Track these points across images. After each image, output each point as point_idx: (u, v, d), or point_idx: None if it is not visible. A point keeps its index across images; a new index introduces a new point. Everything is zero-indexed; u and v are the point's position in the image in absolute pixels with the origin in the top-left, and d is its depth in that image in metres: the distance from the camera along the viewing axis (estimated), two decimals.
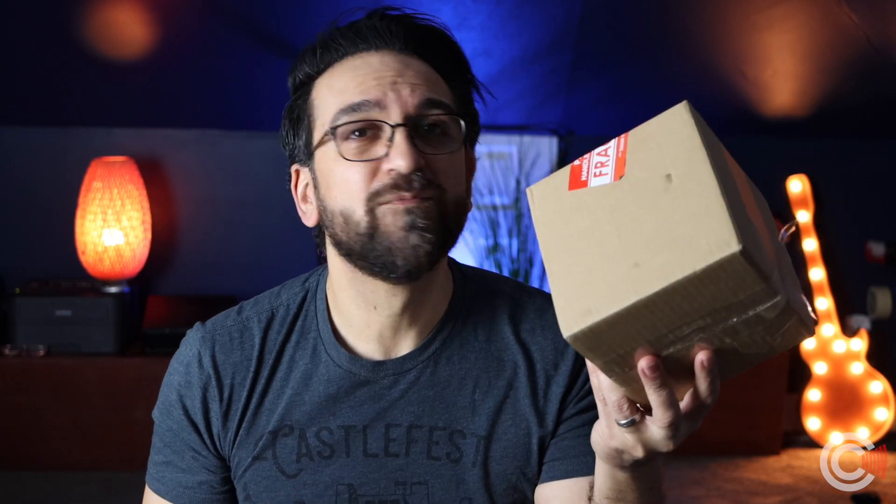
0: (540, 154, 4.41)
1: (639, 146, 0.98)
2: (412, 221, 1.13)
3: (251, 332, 1.28)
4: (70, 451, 3.87)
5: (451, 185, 1.17)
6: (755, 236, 0.91)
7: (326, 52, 1.21)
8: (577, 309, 0.90)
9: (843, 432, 4.22)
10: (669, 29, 3.94)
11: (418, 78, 1.17)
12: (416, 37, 1.20)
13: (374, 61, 1.18)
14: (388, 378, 1.24)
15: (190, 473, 1.29)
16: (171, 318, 3.95)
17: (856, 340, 4.30)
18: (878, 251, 4.43)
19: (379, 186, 1.15)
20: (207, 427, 1.28)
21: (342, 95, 1.17)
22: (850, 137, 4.48)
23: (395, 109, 1.15)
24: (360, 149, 1.16)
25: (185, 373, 1.29)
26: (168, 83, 4.04)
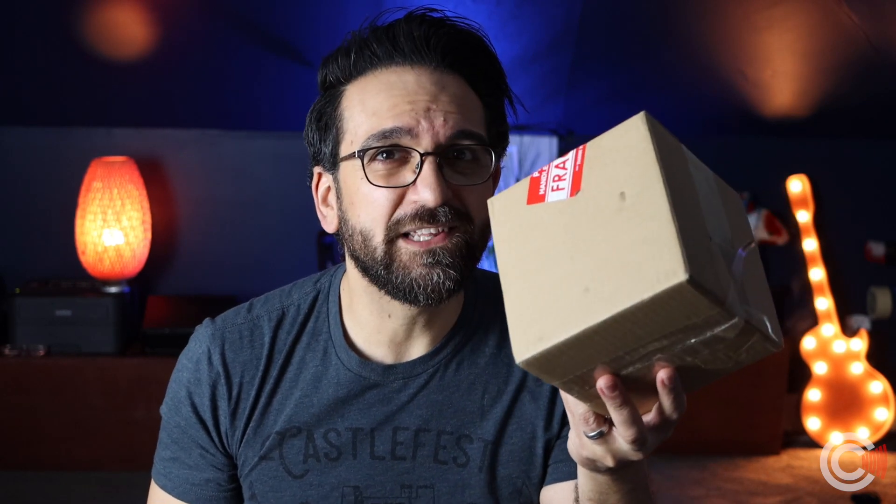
0: (540, 154, 4.41)
1: (596, 160, 0.95)
2: (436, 260, 1.12)
3: (261, 330, 1.27)
4: (70, 451, 3.87)
5: (479, 214, 1.15)
6: (711, 256, 0.89)
7: (361, 58, 1.17)
8: (529, 334, 0.90)
9: (843, 432, 4.22)
10: (669, 29, 3.94)
11: (452, 104, 1.14)
12: (454, 51, 1.16)
13: (410, 81, 1.14)
14: (398, 382, 1.24)
15: (197, 470, 1.29)
16: (171, 318, 3.95)
17: (856, 340, 4.30)
18: (878, 251, 4.43)
19: (402, 216, 1.13)
20: (216, 424, 1.27)
21: (374, 118, 1.14)
22: (850, 137, 4.48)
23: (427, 138, 1.12)
24: (387, 172, 1.13)
25: (194, 369, 1.28)
26: (168, 83, 4.04)
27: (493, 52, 1.20)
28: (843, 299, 4.44)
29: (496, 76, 1.20)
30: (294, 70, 3.72)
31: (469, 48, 1.18)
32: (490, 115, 1.19)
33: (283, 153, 4.18)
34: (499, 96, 1.21)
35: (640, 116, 0.93)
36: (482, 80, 1.19)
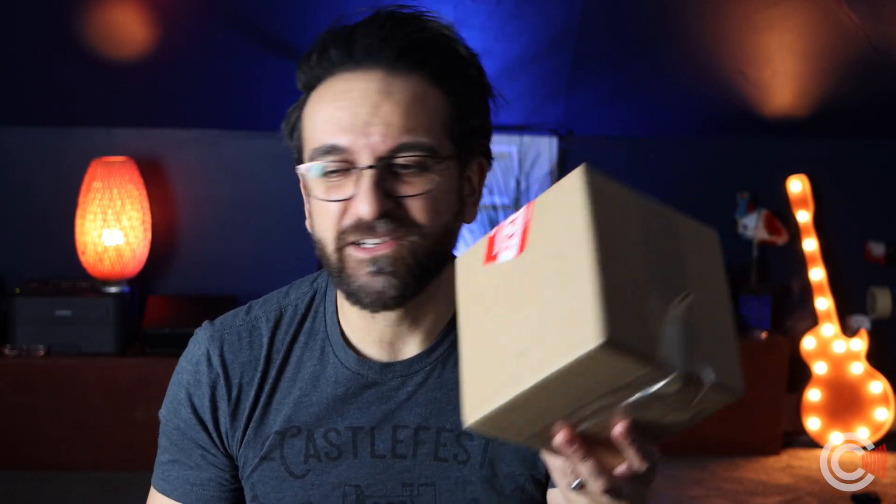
0: (540, 154, 4.41)
1: (541, 217, 0.94)
2: (378, 268, 1.14)
3: (260, 331, 1.27)
4: (70, 451, 3.87)
5: (431, 222, 1.15)
6: (641, 314, 0.87)
7: (320, 65, 1.18)
8: (474, 398, 0.90)
9: (843, 432, 4.22)
10: (669, 29, 3.94)
11: (395, 114, 1.13)
12: (411, 50, 1.15)
13: (356, 90, 1.14)
14: (396, 380, 1.24)
15: (198, 471, 1.29)
16: (171, 318, 3.95)
17: (856, 340, 4.30)
18: (878, 251, 4.43)
19: (346, 226, 1.15)
20: (216, 425, 1.27)
21: (320, 132, 1.16)
22: (850, 137, 4.48)
23: (365, 153, 1.13)
24: (332, 185, 1.15)
25: (193, 371, 1.28)
26: (168, 83, 4.04)
27: (458, 45, 1.18)
28: (843, 299, 4.44)
29: (464, 69, 1.18)
30: (294, 70, 3.71)
31: (429, 44, 1.16)
32: (457, 112, 1.18)
33: (283, 153, 4.13)
34: (470, 89, 1.19)
35: (579, 171, 0.91)
36: (446, 75, 1.17)
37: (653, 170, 4.49)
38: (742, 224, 4.42)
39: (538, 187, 4.39)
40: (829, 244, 4.47)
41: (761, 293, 4.39)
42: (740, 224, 4.43)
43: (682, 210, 0.99)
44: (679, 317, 0.90)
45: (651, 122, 4.43)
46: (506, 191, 4.36)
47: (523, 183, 4.36)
